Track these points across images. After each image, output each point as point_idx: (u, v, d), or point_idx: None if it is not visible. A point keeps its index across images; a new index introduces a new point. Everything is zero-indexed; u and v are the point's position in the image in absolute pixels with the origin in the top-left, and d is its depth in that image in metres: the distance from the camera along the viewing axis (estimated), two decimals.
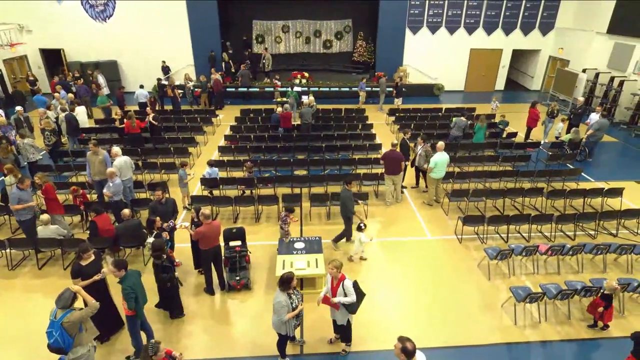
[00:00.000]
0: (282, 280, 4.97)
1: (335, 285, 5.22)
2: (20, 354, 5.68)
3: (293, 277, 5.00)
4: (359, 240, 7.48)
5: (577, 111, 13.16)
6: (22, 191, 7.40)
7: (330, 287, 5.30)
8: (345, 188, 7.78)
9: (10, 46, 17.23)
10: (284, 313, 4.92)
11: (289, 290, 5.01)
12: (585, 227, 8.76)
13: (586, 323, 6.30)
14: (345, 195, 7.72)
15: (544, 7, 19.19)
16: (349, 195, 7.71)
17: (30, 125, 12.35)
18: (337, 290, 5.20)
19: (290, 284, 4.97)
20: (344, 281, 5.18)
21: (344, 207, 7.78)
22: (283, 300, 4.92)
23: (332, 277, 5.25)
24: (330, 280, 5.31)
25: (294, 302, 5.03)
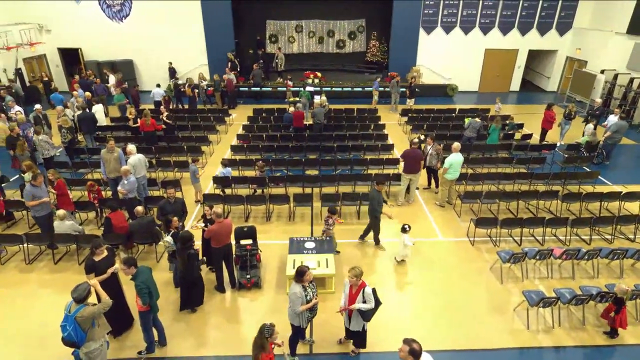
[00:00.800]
0: (297, 272, 5.06)
1: (355, 292, 5.15)
2: (36, 347, 5.80)
3: (307, 270, 5.05)
4: (403, 242, 7.44)
5: (594, 113, 12.89)
6: (36, 187, 7.52)
7: (348, 295, 5.22)
8: (374, 188, 7.74)
9: (29, 45, 17.63)
10: (298, 304, 4.98)
11: (304, 283, 5.06)
12: (601, 232, 8.57)
13: (601, 329, 6.17)
14: (373, 195, 7.69)
15: (561, 6, 18.84)
16: (374, 196, 7.65)
17: (48, 123, 12.64)
18: (356, 298, 5.13)
19: (303, 276, 5.02)
20: (364, 288, 5.12)
21: (371, 207, 7.75)
22: (298, 292, 4.99)
23: (352, 285, 5.18)
24: (348, 288, 5.23)
25: (309, 295, 5.08)
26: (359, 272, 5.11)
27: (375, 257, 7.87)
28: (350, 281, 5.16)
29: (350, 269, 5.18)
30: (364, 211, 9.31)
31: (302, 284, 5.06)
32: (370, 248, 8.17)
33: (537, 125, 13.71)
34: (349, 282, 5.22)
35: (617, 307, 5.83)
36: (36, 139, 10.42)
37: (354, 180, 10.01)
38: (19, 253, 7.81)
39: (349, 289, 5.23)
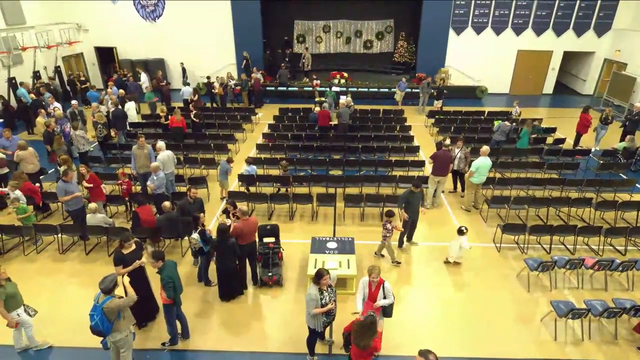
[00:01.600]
0: (316, 273, 5.09)
1: (375, 290, 5.22)
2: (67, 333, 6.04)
3: (325, 275, 5.03)
4: (460, 245, 7.37)
5: (633, 117, 12.31)
6: (67, 183, 7.75)
7: (368, 293, 5.27)
8: (411, 190, 7.60)
9: (68, 44, 18.41)
10: (312, 307, 4.98)
11: (321, 286, 5.05)
12: (637, 242, 8.18)
13: (635, 344, 5.89)
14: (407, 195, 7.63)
15: (600, 6, 18.07)
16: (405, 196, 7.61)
17: (83, 119, 13.15)
18: (376, 295, 5.20)
19: (320, 279, 5.00)
20: (383, 284, 5.22)
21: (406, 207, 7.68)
22: (313, 294, 5.00)
23: (371, 283, 5.24)
24: (368, 286, 5.28)
25: (325, 299, 5.06)
26: (378, 269, 5.22)
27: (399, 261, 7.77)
28: (372, 280, 5.21)
29: (372, 269, 5.22)
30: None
31: (319, 286, 5.05)
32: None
33: (571, 129, 13.21)
34: (368, 280, 5.27)
35: None
36: (73, 134, 10.87)
37: (378, 182, 9.94)
38: (53, 243, 8.17)
39: (368, 288, 5.28)
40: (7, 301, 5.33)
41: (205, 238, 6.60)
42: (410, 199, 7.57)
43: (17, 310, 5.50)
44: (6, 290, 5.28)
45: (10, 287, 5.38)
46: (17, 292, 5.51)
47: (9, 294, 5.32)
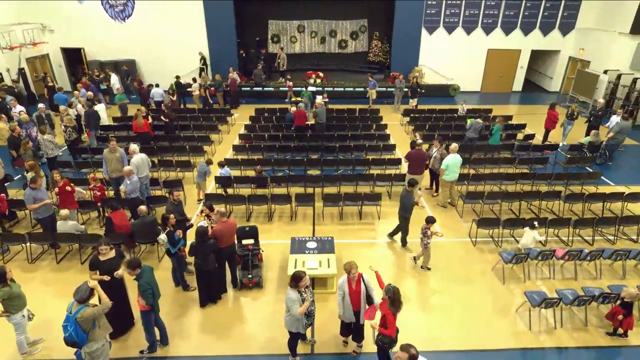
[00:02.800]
0: (292, 277, 5.04)
1: (356, 285, 5.19)
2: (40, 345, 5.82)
3: (303, 277, 5.01)
4: (533, 237, 7.47)
5: (597, 113, 12.85)
6: (35, 190, 7.43)
7: (349, 291, 5.19)
8: (405, 189, 7.71)
9: (32, 45, 17.69)
10: (296, 308, 4.95)
11: (300, 289, 5.03)
12: (604, 232, 8.55)
13: (604, 330, 6.16)
14: (403, 196, 7.68)
15: (564, 6, 18.77)
16: (405, 197, 7.63)
17: (51, 123, 12.67)
18: (359, 290, 5.18)
19: (299, 282, 4.98)
20: (362, 277, 5.23)
21: (401, 208, 7.76)
22: (293, 296, 4.97)
23: (350, 280, 5.19)
24: (347, 284, 5.20)
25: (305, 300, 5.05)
26: (355, 265, 5.20)
27: (370, 256, 7.85)
28: (351, 277, 5.16)
29: (349, 266, 5.16)
30: (365, 211, 9.33)
31: (298, 289, 5.03)
32: (370, 248, 8.17)
33: (539, 125, 13.67)
34: (346, 278, 5.21)
35: (627, 311, 5.79)
36: (41, 139, 10.45)
37: (356, 181, 10.02)
38: (21, 252, 7.83)
39: (348, 285, 5.20)
40: (14, 301, 5.30)
41: (173, 240, 6.46)
42: (408, 198, 7.62)
43: (22, 312, 5.43)
44: (12, 290, 5.25)
45: (16, 287, 5.36)
46: (21, 293, 5.44)
47: (14, 294, 5.28)
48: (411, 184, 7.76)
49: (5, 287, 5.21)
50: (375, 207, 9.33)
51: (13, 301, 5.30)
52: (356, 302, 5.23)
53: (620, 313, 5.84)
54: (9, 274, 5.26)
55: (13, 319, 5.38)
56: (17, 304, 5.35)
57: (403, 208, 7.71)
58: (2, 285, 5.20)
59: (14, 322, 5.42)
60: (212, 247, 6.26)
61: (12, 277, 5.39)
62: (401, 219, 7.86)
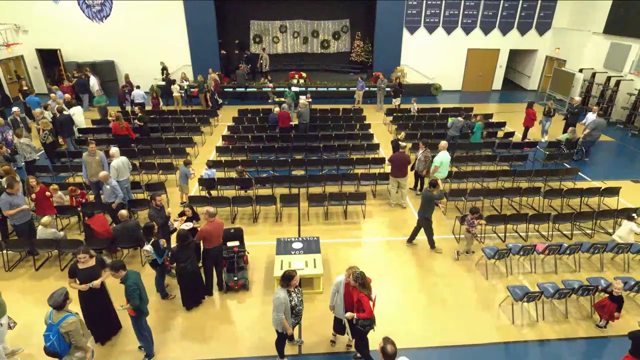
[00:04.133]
0: (283, 276, 5.00)
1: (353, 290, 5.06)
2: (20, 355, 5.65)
3: (294, 276, 4.98)
4: (630, 229, 7.48)
5: (574, 111, 13.20)
6: (12, 195, 7.21)
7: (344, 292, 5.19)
8: (427, 189, 7.67)
9: (6, 46, 17.15)
10: (282, 310, 4.92)
11: (289, 288, 5.01)
12: (582, 227, 8.80)
13: (584, 321, 6.33)
14: (425, 195, 7.64)
15: (540, 7, 19.24)
16: (429, 196, 7.57)
17: (27, 126, 12.32)
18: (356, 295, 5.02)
19: (290, 281, 4.96)
20: None
21: (421, 209, 7.71)
22: (282, 297, 4.93)
23: (347, 283, 5.14)
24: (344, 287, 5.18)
25: (294, 300, 5.04)
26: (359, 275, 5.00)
27: (356, 255, 7.89)
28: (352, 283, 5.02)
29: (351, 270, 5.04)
30: (350, 211, 9.36)
31: (288, 288, 5.02)
32: (356, 247, 8.20)
33: (519, 123, 13.97)
34: (344, 279, 5.16)
35: (618, 305, 5.89)
36: (17, 142, 10.14)
37: (341, 180, 10.04)
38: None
39: (344, 288, 5.17)
40: None
41: (159, 250, 6.30)
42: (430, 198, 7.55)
43: (0, 320, 5.25)
44: None
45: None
46: (1, 301, 5.26)
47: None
48: (432, 185, 7.61)
49: None
50: (360, 206, 9.37)
51: None
52: (349, 303, 5.20)
53: (613, 308, 5.91)
54: None
55: None
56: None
57: (425, 209, 7.65)
58: None
59: None
60: (194, 248, 6.17)
61: None
62: (423, 221, 7.77)
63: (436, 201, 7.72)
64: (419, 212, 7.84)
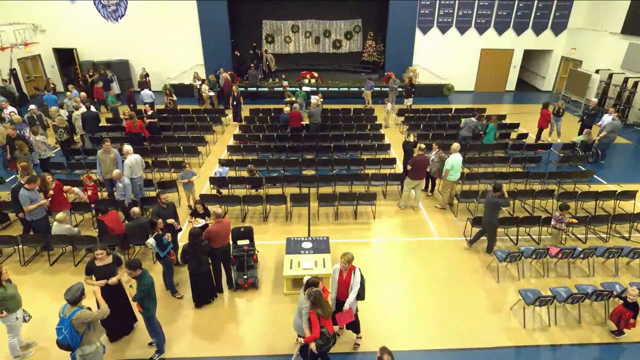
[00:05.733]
0: (308, 283, 4.97)
1: (346, 277, 5.30)
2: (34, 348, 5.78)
3: (318, 281, 4.95)
4: None
5: (590, 112, 12.97)
6: (31, 191, 7.39)
7: (338, 280, 5.36)
8: (492, 195, 7.47)
9: (24, 46, 17.52)
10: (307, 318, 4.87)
11: None
12: (597, 230, 8.63)
13: (597, 327, 6.21)
14: (490, 201, 7.46)
15: (556, 7, 18.93)
16: (495, 202, 7.39)
17: (42, 124, 12.55)
18: (348, 281, 5.29)
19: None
20: (354, 271, 5.32)
21: (488, 214, 7.51)
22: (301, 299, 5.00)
23: (342, 270, 5.33)
24: (338, 274, 5.37)
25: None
26: (350, 257, 5.30)
27: (366, 255, 7.87)
28: (342, 266, 5.29)
29: (344, 255, 5.30)
30: (360, 211, 9.34)
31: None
32: (366, 248, 8.18)
33: (533, 124, 13.77)
34: (339, 267, 5.35)
35: (634, 312, 5.78)
36: (33, 140, 10.35)
37: (351, 180, 10.03)
38: (14, 255, 7.76)
39: (338, 275, 5.36)
40: (8, 302, 5.22)
41: (162, 244, 6.41)
42: (496, 203, 7.37)
43: (16, 313, 5.35)
44: (6, 292, 5.17)
45: (11, 289, 5.28)
46: (17, 294, 5.36)
47: (8, 296, 5.20)
48: (497, 189, 7.39)
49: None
50: (371, 207, 9.34)
51: (7, 302, 5.22)
52: (341, 292, 5.37)
53: (629, 315, 5.80)
54: (4, 275, 5.21)
55: (6, 320, 5.32)
56: (11, 305, 5.28)
57: (491, 215, 7.48)
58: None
59: (7, 323, 5.36)
60: (205, 248, 6.23)
61: (8, 278, 5.34)
62: (489, 226, 7.61)
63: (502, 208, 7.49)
64: (484, 218, 7.63)
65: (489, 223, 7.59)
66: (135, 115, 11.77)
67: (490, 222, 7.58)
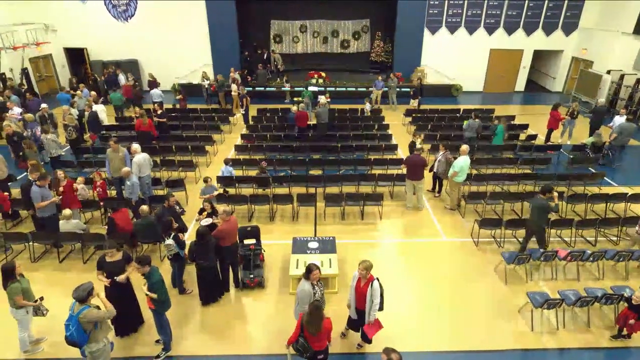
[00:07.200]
0: (306, 268, 5.17)
1: (364, 285, 5.24)
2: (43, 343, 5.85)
3: (314, 270, 5.10)
4: None
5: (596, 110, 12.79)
6: (42, 188, 7.49)
7: (355, 287, 5.31)
8: (540, 197, 7.29)
9: (36, 45, 17.76)
10: (306, 302, 4.97)
11: (312, 280, 5.13)
12: (607, 233, 8.52)
13: (607, 331, 6.13)
14: (539, 205, 7.24)
15: (567, 6, 18.72)
16: (542, 204, 7.19)
17: (54, 122, 12.71)
18: (366, 290, 5.21)
19: (310, 274, 5.09)
20: (372, 282, 5.21)
21: (536, 217, 7.30)
22: (307, 289, 5.06)
23: (360, 277, 5.26)
24: (356, 281, 5.30)
25: (317, 293, 5.13)
26: (369, 264, 5.21)
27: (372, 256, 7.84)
28: (360, 274, 5.22)
29: (361, 262, 5.23)
30: (367, 211, 9.32)
31: (311, 282, 5.12)
32: (372, 248, 8.16)
33: (542, 125, 13.63)
34: (357, 274, 5.29)
35: (638, 314, 5.71)
36: (44, 138, 10.49)
37: (358, 181, 10.01)
38: (24, 251, 7.86)
39: (356, 282, 5.30)
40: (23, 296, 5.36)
41: (180, 243, 6.46)
42: (544, 206, 7.17)
43: (26, 307, 5.45)
44: (21, 286, 5.30)
45: (24, 283, 5.41)
46: (29, 288, 5.48)
47: (23, 289, 5.33)
48: (547, 191, 7.19)
49: (14, 282, 5.25)
50: (377, 207, 9.32)
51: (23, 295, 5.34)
52: (359, 300, 5.31)
53: (632, 317, 5.74)
54: (18, 269, 5.30)
55: (17, 313, 5.40)
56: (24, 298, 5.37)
57: (540, 219, 7.30)
58: (11, 281, 5.23)
59: (18, 318, 5.44)
60: (213, 246, 6.27)
61: (22, 272, 5.43)
62: (537, 229, 7.42)
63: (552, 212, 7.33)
64: (533, 222, 7.41)
65: (538, 226, 7.38)
66: (145, 114, 11.88)
67: (540, 226, 7.36)
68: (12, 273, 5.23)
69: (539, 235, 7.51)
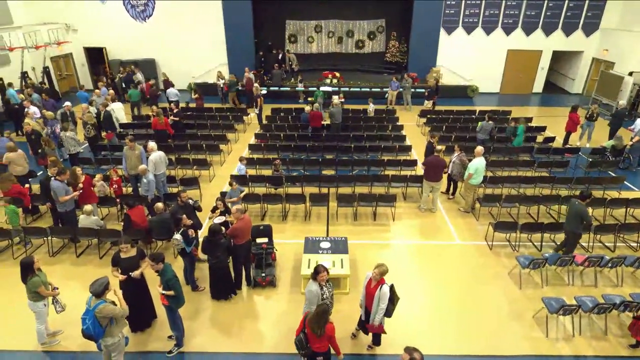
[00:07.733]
0: (314, 269, 5.18)
1: (373, 287, 5.23)
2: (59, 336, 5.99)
3: (322, 271, 5.10)
4: None
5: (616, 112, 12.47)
6: (64, 183, 7.69)
7: (365, 287, 5.34)
8: (579, 202, 7.18)
9: (57, 45, 18.18)
10: (314, 302, 4.98)
11: (320, 281, 5.12)
12: (626, 239, 8.30)
13: (624, 339, 5.97)
14: (577, 210, 7.13)
15: (588, 6, 18.31)
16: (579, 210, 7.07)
17: (74, 120, 12.98)
18: (374, 293, 5.20)
19: (317, 275, 5.09)
20: (382, 285, 5.17)
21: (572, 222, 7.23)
22: (314, 290, 5.06)
23: (372, 279, 5.26)
24: (367, 281, 5.32)
25: (325, 294, 5.13)
26: (384, 269, 5.19)
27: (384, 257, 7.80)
28: (373, 276, 5.21)
29: (378, 265, 5.20)
30: (379, 212, 9.28)
31: (319, 282, 5.12)
32: (384, 250, 8.12)
33: (560, 128, 13.36)
34: (370, 275, 5.28)
35: None
36: (63, 135, 10.74)
37: (371, 181, 9.97)
38: (43, 245, 8.06)
39: (367, 282, 5.32)
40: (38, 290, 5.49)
41: (188, 239, 6.53)
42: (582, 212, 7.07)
43: (43, 301, 5.59)
44: (40, 280, 5.44)
45: (42, 277, 5.53)
46: (47, 282, 5.61)
47: (42, 283, 5.47)
48: (588, 196, 7.16)
49: (34, 277, 5.38)
50: (390, 209, 9.26)
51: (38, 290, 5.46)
52: (368, 301, 5.32)
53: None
54: (36, 264, 5.43)
55: (35, 306, 5.53)
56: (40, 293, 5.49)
57: (578, 224, 7.20)
58: (30, 276, 5.36)
59: (36, 310, 5.58)
60: (224, 245, 6.32)
61: (39, 267, 5.55)
62: (570, 234, 7.39)
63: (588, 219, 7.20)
64: (570, 226, 7.34)
65: (573, 232, 7.28)
66: (161, 113, 12.06)
67: (574, 232, 7.25)
68: (30, 267, 5.36)
69: (571, 240, 7.41)
